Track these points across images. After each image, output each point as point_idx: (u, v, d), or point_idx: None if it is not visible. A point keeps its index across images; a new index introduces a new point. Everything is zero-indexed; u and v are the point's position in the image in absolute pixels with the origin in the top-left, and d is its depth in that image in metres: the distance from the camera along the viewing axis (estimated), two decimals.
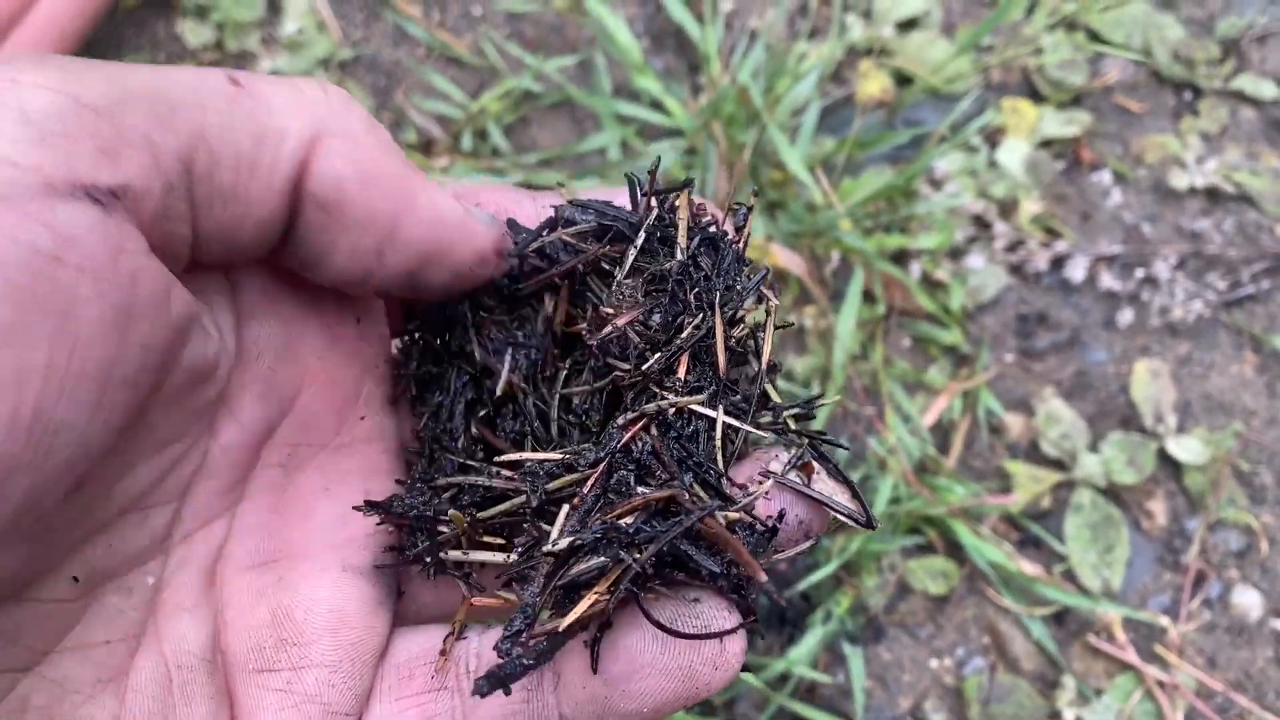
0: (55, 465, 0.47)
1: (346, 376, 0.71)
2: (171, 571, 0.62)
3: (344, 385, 0.70)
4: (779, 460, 0.63)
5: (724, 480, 0.61)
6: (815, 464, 0.64)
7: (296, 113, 0.56)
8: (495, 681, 0.60)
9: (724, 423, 0.61)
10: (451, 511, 0.66)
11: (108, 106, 0.48)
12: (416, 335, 0.75)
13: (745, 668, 0.62)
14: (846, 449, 0.67)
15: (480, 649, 0.66)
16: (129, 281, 0.48)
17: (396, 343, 0.77)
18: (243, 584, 0.64)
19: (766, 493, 0.61)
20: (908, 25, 2.22)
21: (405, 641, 0.67)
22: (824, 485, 0.63)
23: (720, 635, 0.59)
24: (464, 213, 0.63)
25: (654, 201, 0.68)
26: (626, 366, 0.63)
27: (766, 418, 0.65)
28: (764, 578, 0.59)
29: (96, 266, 0.47)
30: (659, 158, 0.73)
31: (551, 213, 0.70)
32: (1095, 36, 2.22)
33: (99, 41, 2.27)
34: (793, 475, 0.62)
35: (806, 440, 0.64)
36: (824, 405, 0.66)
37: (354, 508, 0.68)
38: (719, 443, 0.61)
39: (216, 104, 0.53)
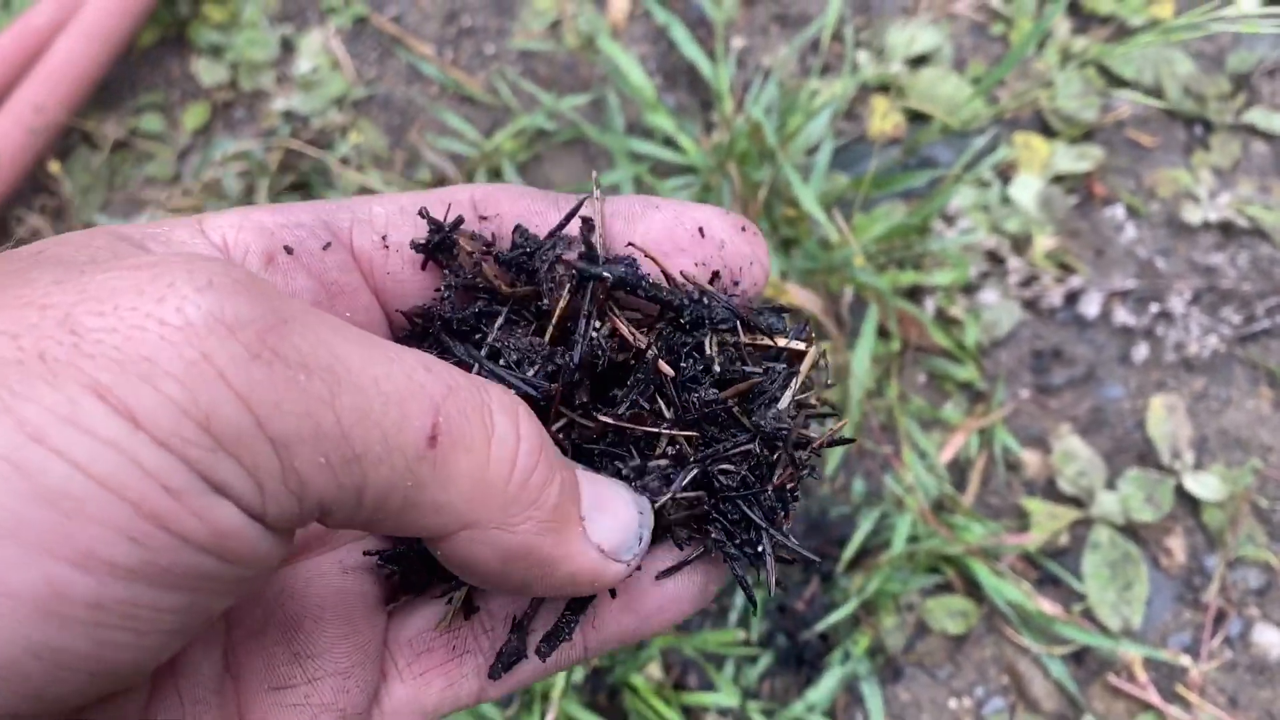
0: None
1: None
2: None
3: None
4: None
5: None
6: None
7: (466, 497, 0.52)
8: (509, 662, 0.65)
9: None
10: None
11: (286, 442, 0.45)
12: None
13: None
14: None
15: (491, 605, 0.68)
16: (250, 564, 0.48)
17: None
18: (247, 602, 0.64)
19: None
20: (919, 61, 2.23)
21: (412, 618, 0.69)
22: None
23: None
24: (603, 564, 0.60)
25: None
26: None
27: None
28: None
29: (233, 556, 0.47)
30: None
31: (577, 224, 0.67)
32: (1106, 72, 2.23)
33: (115, 80, 2.29)
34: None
35: None
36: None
37: (365, 551, 0.69)
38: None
39: (398, 462, 0.49)
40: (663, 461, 0.65)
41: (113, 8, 2.19)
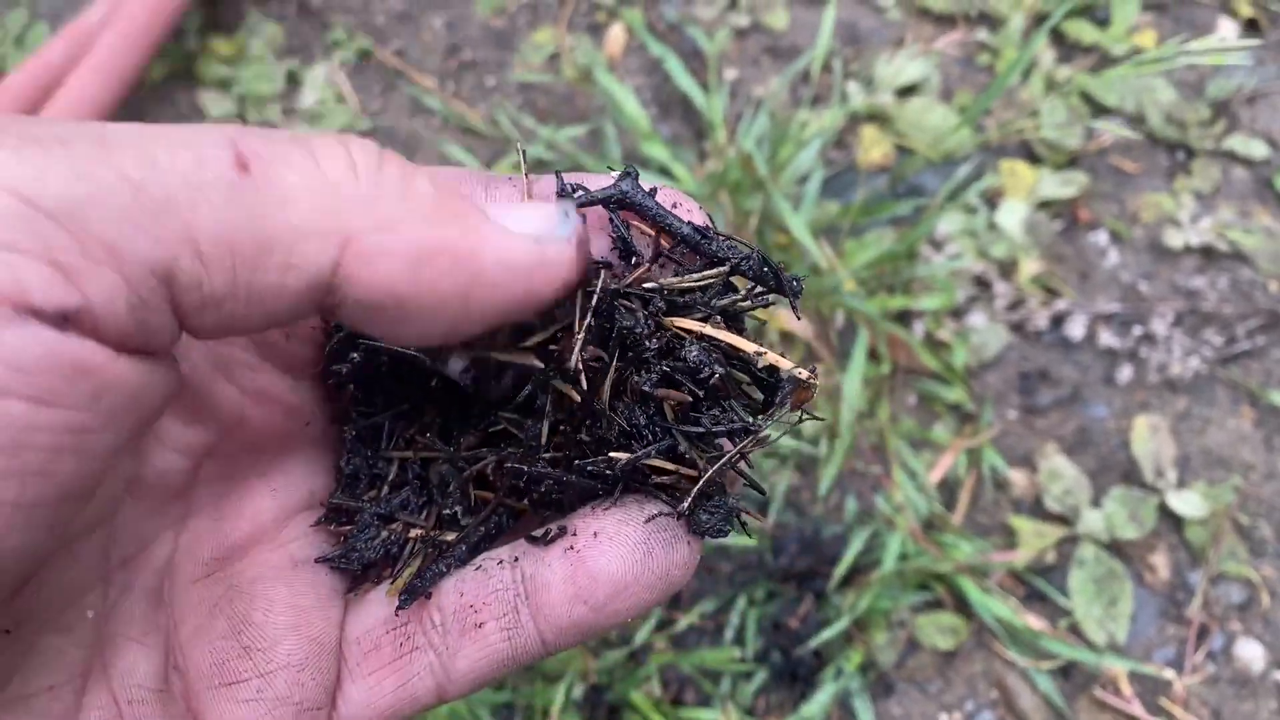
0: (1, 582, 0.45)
1: (286, 388, 0.66)
2: (113, 600, 0.59)
3: (285, 397, 0.67)
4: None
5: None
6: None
7: (317, 203, 0.46)
8: (414, 593, 0.63)
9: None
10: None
11: (69, 211, 0.41)
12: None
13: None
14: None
15: (441, 601, 0.64)
16: (89, 400, 0.43)
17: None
18: (193, 599, 0.62)
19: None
20: (907, 91, 2.29)
21: (358, 615, 0.66)
22: None
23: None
24: (538, 246, 0.53)
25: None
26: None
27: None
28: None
29: (51, 393, 0.42)
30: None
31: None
32: (1090, 100, 2.29)
33: (125, 114, 2.35)
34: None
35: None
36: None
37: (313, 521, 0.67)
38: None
39: (213, 197, 0.44)
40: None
41: (124, 45, 2.25)
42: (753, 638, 1.78)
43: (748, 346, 0.62)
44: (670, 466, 0.62)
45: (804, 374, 0.62)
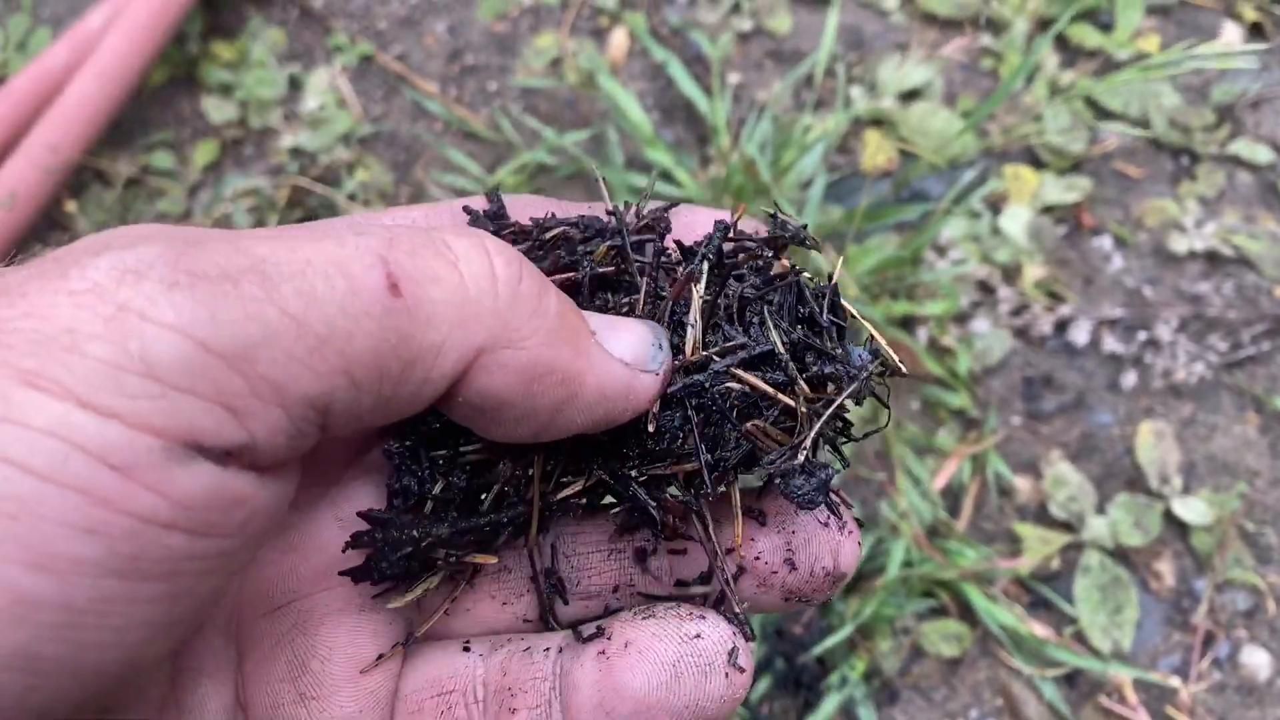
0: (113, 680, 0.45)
1: None
2: (189, 640, 0.60)
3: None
4: None
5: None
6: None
7: (459, 318, 0.49)
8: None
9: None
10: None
11: (240, 354, 0.43)
12: None
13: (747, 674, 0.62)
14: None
15: (486, 675, 0.63)
16: (237, 530, 0.46)
17: None
18: (257, 634, 0.62)
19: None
20: (910, 96, 2.29)
21: (413, 669, 0.65)
22: None
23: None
24: (630, 376, 0.57)
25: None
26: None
27: None
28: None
29: (208, 527, 0.44)
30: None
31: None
32: (1094, 104, 2.28)
33: (127, 119, 2.35)
34: None
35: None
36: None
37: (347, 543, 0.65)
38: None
39: (368, 325, 0.46)
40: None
41: (126, 49, 2.25)
42: (756, 644, 1.77)
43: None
44: (772, 392, 0.61)
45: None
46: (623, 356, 0.56)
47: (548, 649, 0.63)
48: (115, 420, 0.40)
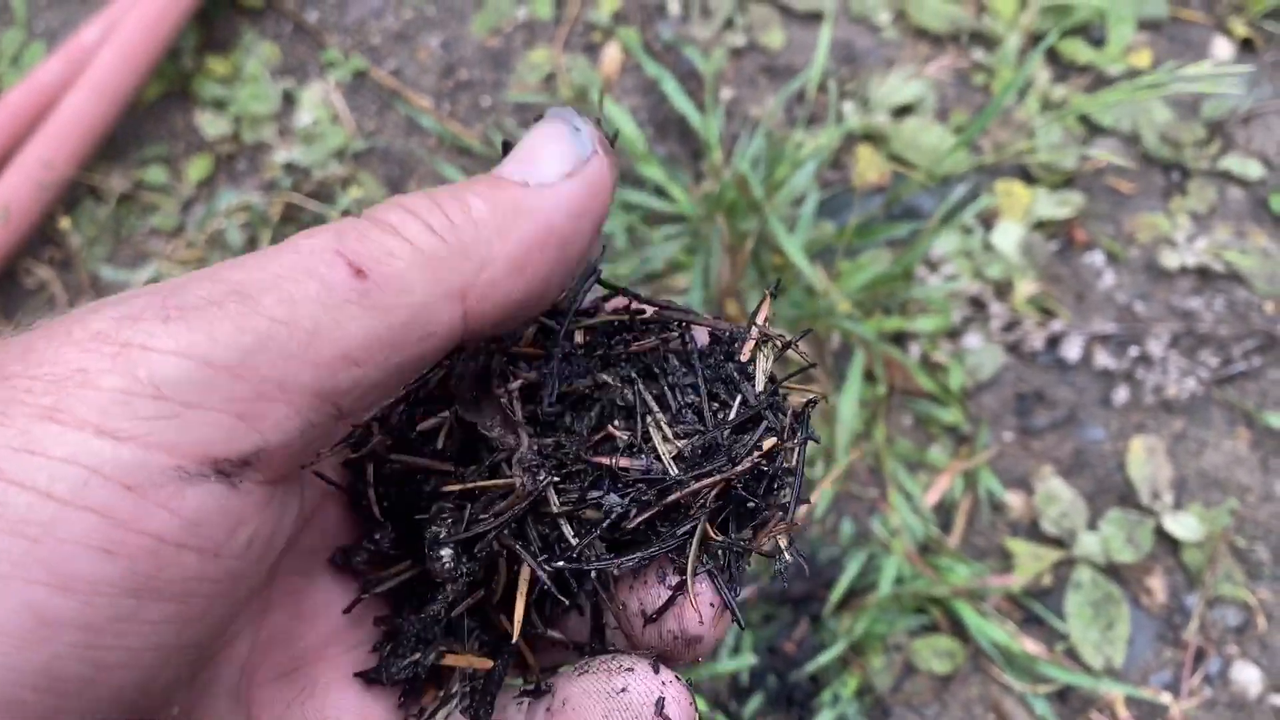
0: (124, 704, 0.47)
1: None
2: (197, 697, 0.60)
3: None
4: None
5: None
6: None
7: (429, 277, 0.53)
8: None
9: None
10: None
11: (240, 361, 0.46)
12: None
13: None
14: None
15: None
16: (244, 550, 0.48)
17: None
18: (270, 696, 0.63)
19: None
20: (902, 111, 2.29)
21: None
22: None
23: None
24: (578, 180, 0.59)
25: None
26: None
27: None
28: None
29: (218, 545, 0.46)
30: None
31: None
32: (1085, 120, 2.29)
33: (120, 133, 2.35)
34: None
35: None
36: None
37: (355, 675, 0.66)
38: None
39: (350, 311, 0.50)
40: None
41: (120, 64, 2.25)
42: (749, 662, 1.77)
43: None
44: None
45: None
46: (560, 174, 0.58)
47: (520, 703, 0.64)
48: (131, 443, 0.43)
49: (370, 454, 0.67)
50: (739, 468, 0.63)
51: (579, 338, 0.70)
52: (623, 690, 0.60)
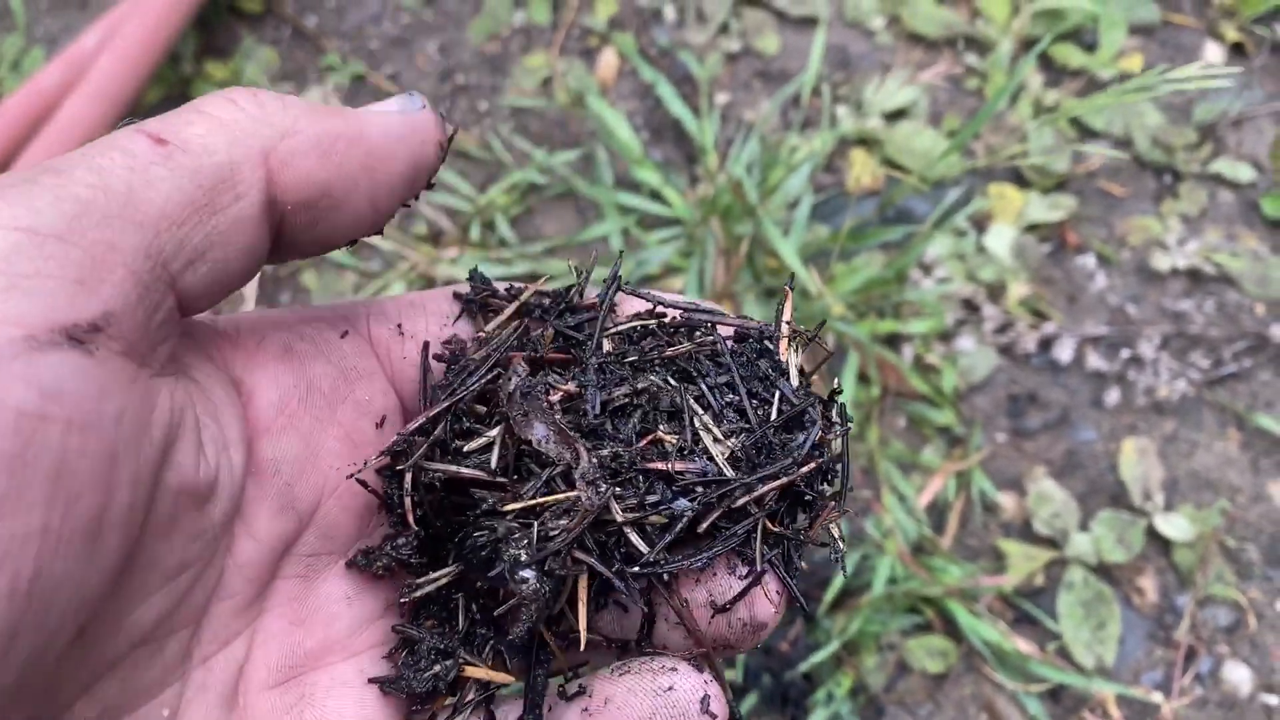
0: (55, 620, 0.46)
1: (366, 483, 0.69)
2: (189, 699, 0.60)
3: (365, 492, 0.69)
4: None
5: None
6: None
7: (230, 138, 0.55)
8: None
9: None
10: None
11: (67, 229, 0.47)
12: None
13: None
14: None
15: None
16: (114, 422, 0.47)
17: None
18: (265, 705, 0.63)
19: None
20: (896, 115, 2.31)
21: None
22: None
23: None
24: (404, 116, 0.63)
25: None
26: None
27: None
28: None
29: (83, 415, 0.45)
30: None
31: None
32: (1077, 123, 2.31)
33: None
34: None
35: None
36: None
37: (370, 680, 0.67)
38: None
39: (158, 172, 0.51)
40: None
41: (120, 70, 2.27)
42: (742, 661, 1.79)
43: None
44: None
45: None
46: (387, 109, 0.63)
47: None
48: None
49: (412, 465, 0.68)
50: (804, 469, 0.65)
51: (607, 345, 0.71)
52: (669, 689, 0.62)
